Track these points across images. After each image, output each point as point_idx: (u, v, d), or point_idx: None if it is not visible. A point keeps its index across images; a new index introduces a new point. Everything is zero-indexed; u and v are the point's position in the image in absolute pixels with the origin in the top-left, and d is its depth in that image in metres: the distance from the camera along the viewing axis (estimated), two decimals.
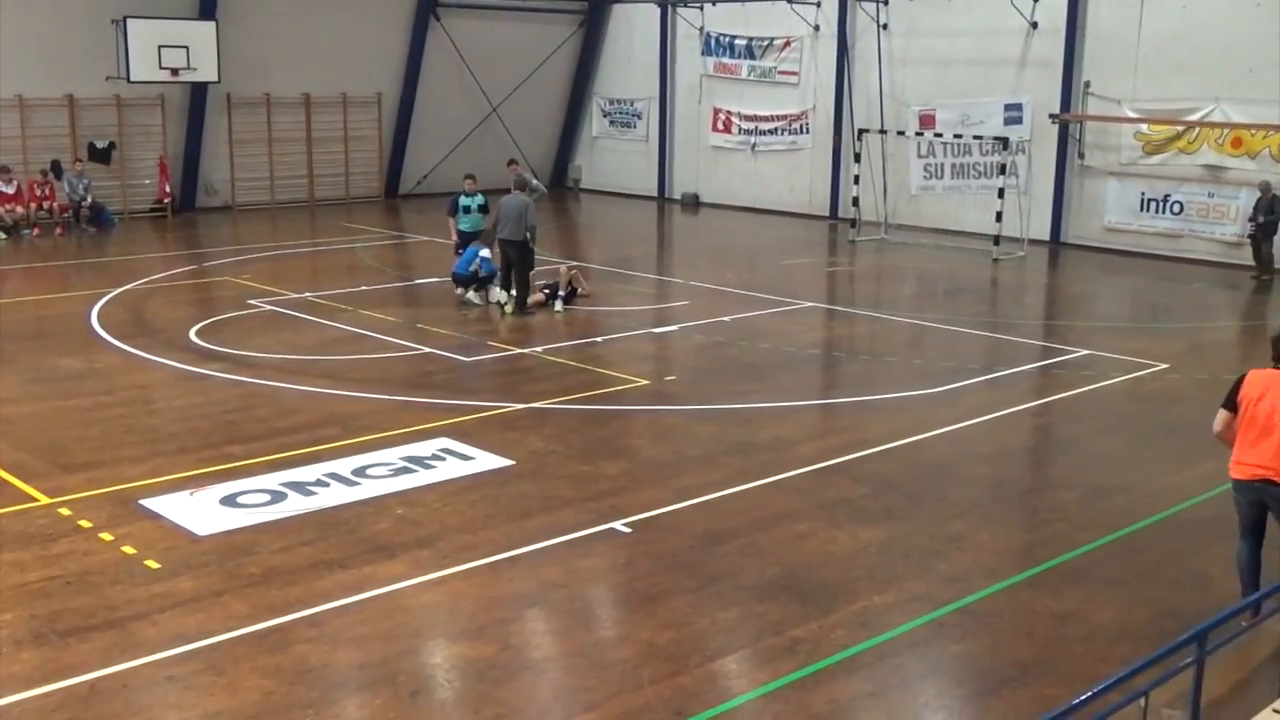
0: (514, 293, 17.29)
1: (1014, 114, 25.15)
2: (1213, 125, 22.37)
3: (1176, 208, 23.19)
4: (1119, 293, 21.09)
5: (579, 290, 18.13)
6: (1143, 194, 23.65)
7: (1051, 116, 24.28)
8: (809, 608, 8.06)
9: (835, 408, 13.42)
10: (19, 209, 23.83)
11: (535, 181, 20.13)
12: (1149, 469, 11.14)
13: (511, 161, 20.71)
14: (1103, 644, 7.68)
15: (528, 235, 17.15)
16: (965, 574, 8.69)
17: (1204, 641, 5.58)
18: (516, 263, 17.23)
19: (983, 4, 25.21)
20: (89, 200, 24.86)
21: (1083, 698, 5.12)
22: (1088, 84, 24.04)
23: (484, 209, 18.79)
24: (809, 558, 8.92)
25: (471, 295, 17.69)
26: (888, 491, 10.36)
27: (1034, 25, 24.63)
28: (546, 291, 17.61)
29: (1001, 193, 23.20)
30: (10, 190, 23.74)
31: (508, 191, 17.71)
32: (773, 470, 10.81)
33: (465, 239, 18.67)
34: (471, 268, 17.69)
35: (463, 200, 18.93)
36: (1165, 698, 6.06)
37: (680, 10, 30.73)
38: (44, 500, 9.77)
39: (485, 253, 17.70)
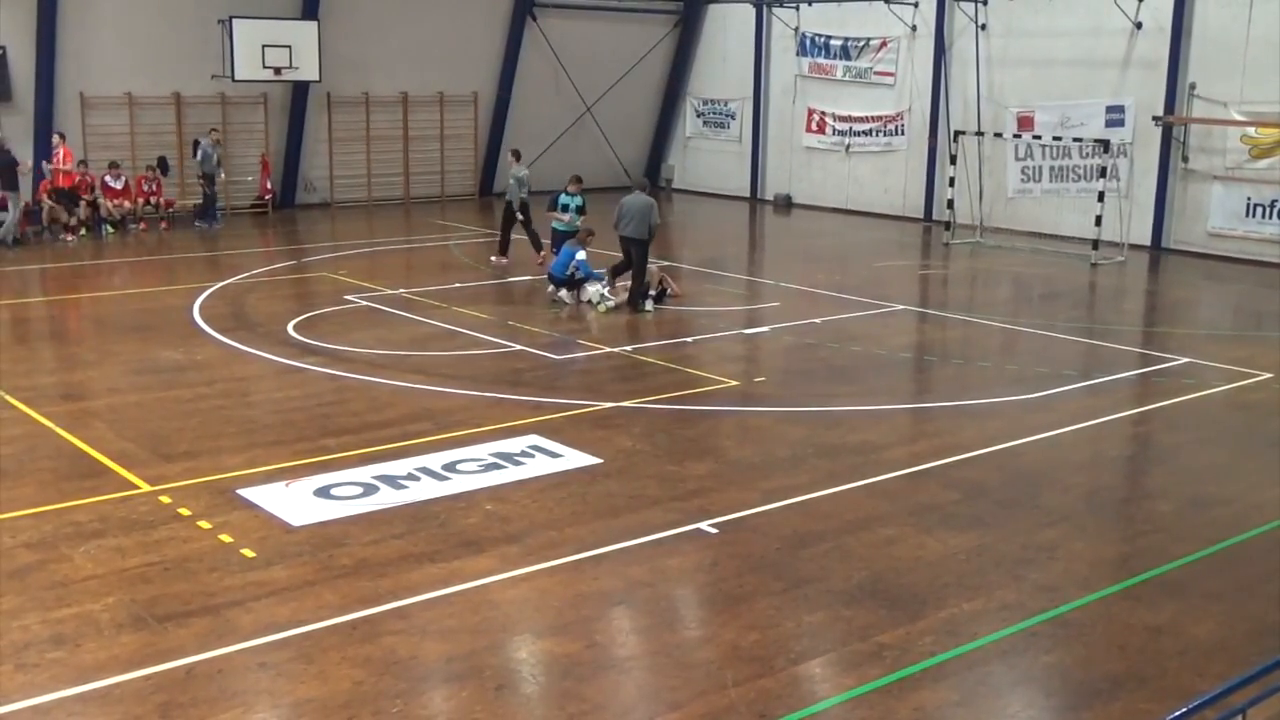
0: (606, 290, 17.47)
1: (1116, 116, 24.65)
2: None
3: None
4: (1222, 300, 20.58)
5: (669, 290, 18.15)
6: (1249, 199, 23.03)
7: (1155, 119, 23.76)
8: (896, 614, 7.98)
9: (927, 412, 13.27)
10: (127, 204, 24.50)
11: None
12: (1251, 481, 10.85)
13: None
14: (1199, 659, 7.50)
15: (649, 234, 17.41)
16: (1057, 584, 8.55)
17: None
18: (636, 259, 17.43)
19: (1085, 4, 24.74)
20: (221, 176, 25.37)
21: (1177, 714, 5.01)
22: (1193, 86, 23.47)
23: (581, 210, 18.93)
24: (897, 563, 8.84)
25: (564, 295, 17.79)
26: (979, 498, 10.22)
27: (1138, 25, 24.13)
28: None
29: (1101, 196, 22.77)
30: (119, 185, 24.40)
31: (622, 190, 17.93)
32: (862, 474, 10.72)
33: (558, 238, 18.81)
34: (569, 270, 17.76)
35: (562, 199, 19.09)
36: (1263, 717, 5.89)
37: (775, 10, 30.60)
38: (145, 488, 10.03)
39: (582, 255, 17.75)
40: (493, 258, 21.24)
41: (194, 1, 25.66)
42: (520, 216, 20.83)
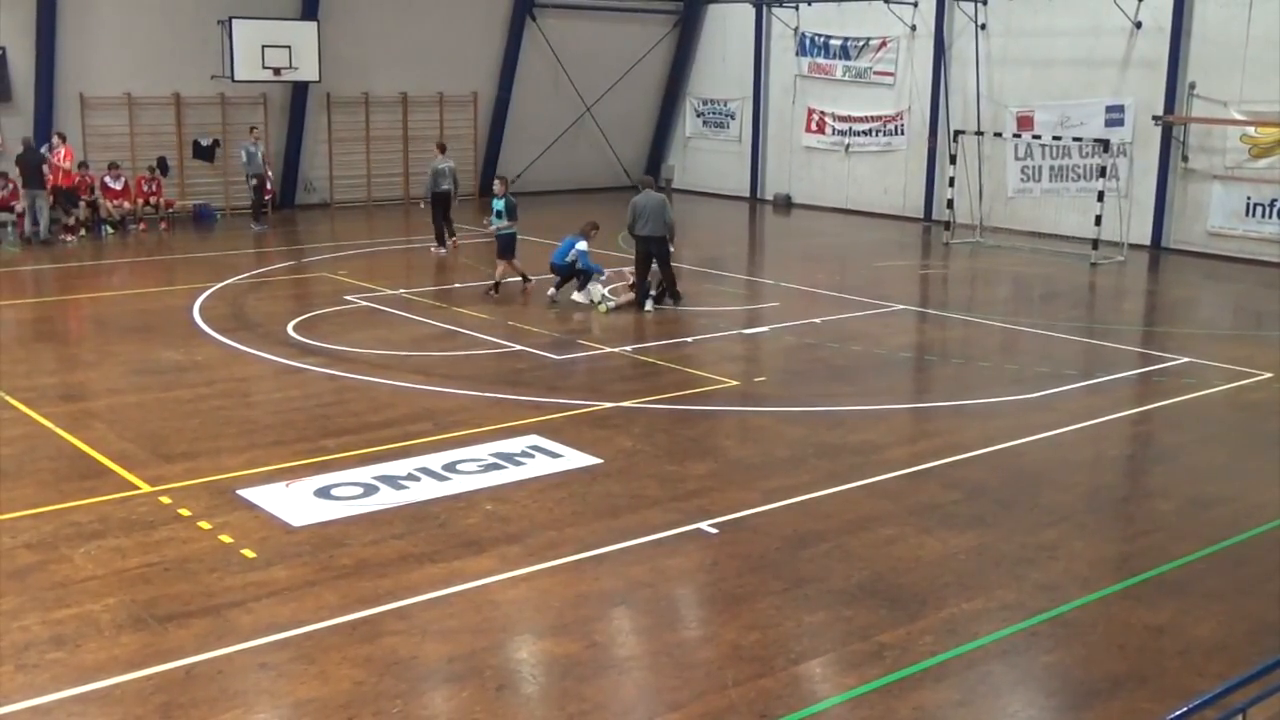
0: (600, 291, 17.49)
1: (1115, 115, 24.64)
2: None
3: None
4: (1222, 299, 20.58)
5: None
6: (1248, 198, 23.04)
7: (1155, 118, 23.76)
8: (897, 613, 7.98)
9: (927, 412, 13.27)
10: (126, 204, 24.50)
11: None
12: (1251, 480, 10.85)
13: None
14: (1199, 659, 7.50)
15: (667, 231, 17.40)
16: (1058, 583, 8.55)
17: None
18: (658, 256, 17.45)
19: (1084, 3, 24.74)
20: (269, 177, 25.60)
21: (1177, 713, 5.01)
22: (1193, 85, 23.47)
23: (501, 215, 18.56)
24: (897, 563, 8.84)
25: (577, 295, 17.69)
26: (979, 498, 10.22)
27: (1138, 25, 24.13)
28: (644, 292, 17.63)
29: (1101, 196, 22.77)
30: (118, 186, 24.40)
31: (632, 190, 17.96)
32: (862, 474, 10.72)
33: (499, 242, 18.70)
34: (569, 258, 17.69)
35: (494, 202, 19.06)
36: (1263, 716, 5.89)
37: (775, 10, 30.60)
38: (145, 488, 10.03)
39: (583, 245, 17.67)
40: (436, 248, 22.43)
41: (194, 2, 25.67)
42: (431, 207, 22.48)
